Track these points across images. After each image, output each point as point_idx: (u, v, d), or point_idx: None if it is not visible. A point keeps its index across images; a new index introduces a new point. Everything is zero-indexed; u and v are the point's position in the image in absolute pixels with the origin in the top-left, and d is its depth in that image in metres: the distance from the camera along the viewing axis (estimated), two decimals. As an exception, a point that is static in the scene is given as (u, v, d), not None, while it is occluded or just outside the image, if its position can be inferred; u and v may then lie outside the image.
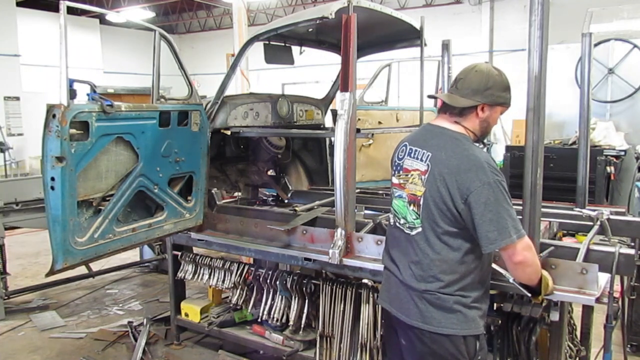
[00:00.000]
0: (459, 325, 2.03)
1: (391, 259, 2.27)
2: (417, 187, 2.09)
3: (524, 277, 2.10)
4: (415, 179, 2.11)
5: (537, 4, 2.20)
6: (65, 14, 2.50)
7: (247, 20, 7.81)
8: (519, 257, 1.98)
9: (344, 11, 2.94)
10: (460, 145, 2.05)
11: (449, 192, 1.98)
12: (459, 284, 2.04)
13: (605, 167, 5.31)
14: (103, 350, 4.17)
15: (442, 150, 2.06)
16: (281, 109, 4.22)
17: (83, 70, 11.71)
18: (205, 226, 3.62)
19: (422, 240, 2.08)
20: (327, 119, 4.84)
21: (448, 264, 2.03)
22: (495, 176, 1.96)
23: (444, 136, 2.10)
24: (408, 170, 2.15)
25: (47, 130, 2.53)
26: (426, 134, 2.19)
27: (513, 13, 12.51)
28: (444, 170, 2.01)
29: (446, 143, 2.07)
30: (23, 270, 6.34)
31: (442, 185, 2.00)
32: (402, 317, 2.14)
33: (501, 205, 1.94)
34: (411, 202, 2.12)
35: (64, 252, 2.65)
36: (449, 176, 1.99)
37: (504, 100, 2.13)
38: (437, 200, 2.02)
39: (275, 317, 3.50)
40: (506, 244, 1.94)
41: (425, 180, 2.06)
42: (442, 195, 2.00)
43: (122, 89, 13.06)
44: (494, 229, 1.93)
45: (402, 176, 2.19)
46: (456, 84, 2.13)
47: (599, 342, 2.75)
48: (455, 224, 2.02)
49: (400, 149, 2.25)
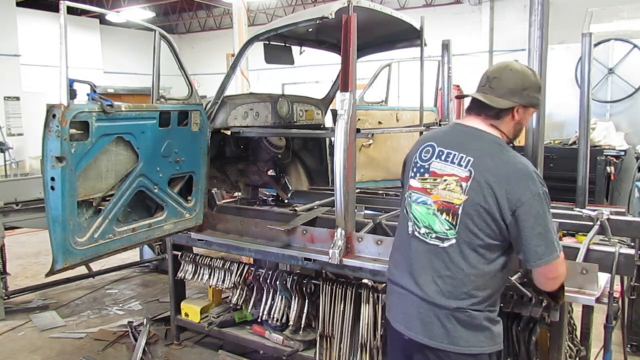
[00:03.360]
0: (486, 343, 1.92)
1: (405, 273, 2.04)
2: (455, 195, 1.91)
3: (552, 288, 2.02)
4: (451, 185, 1.92)
5: (537, 4, 2.20)
6: (65, 14, 2.50)
7: (247, 20, 7.81)
8: (557, 272, 1.91)
9: (344, 11, 2.94)
10: (505, 152, 1.92)
11: (497, 202, 1.84)
12: (490, 300, 1.93)
13: (605, 167, 5.32)
14: (103, 350, 4.17)
15: (487, 156, 1.90)
16: (281, 109, 4.22)
17: (83, 70, 11.69)
18: (205, 226, 3.61)
19: (456, 253, 1.90)
20: (327, 119, 4.84)
21: (483, 279, 1.90)
22: (543, 187, 1.86)
23: (486, 141, 1.96)
24: (439, 174, 1.97)
25: (47, 130, 2.53)
26: (462, 136, 2.01)
27: (513, 13, 12.53)
28: (491, 179, 1.86)
29: (491, 149, 1.93)
30: (23, 270, 6.34)
31: (490, 194, 1.85)
32: (424, 339, 1.94)
33: (548, 219, 1.85)
34: (443, 210, 1.93)
35: (64, 252, 2.65)
36: (497, 185, 1.84)
37: (538, 102, 2.04)
38: (480, 210, 1.86)
39: (275, 317, 3.50)
40: (553, 259, 1.84)
41: (468, 187, 1.88)
42: (489, 206, 1.85)
43: (122, 89, 13.05)
44: (542, 244, 1.82)
45: (428, 180, 2.00)
46: (489, 83, 1.99)
47: (599, 342, 2.75)
48: (497, 236, 1.88)
49: (423, 149, 2.07)
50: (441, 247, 1.93)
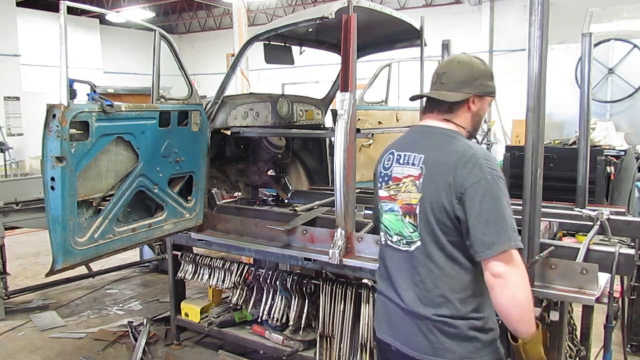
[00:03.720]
0: (477, 353, 1.78)
1: (388, 283, 1.98)
2: (412, 195, 1.85)
3: (501, 301, 1.70)
4: (408, 186, 1.87)
5: (537, 4, 2.19)
6: (65, 14, 2.50)
7: (247, 20, 7.82)
8: (510, 270, 1.67)
9: (344, 11, 2.95)
10: (454, 141, 1.85)
11: (445, 192, 1.76)
12: (472, 304, 1.79)
13: (605, 167, 5.31)
14: (103, 350, 4.17)
15: (435, 149, 1.85)
16: (281, 109, 4.23)
17: (83, 70, 11.70)
18: (205, 226, 3.62)
19: (423, 255, 1.82)
20: (327, 119, 4.84)
21: (456, 280, 1.78)
22: (493, 172, 1.74)
23: (435, 134, 1.91)
24: (398, 178, 1.93)
25: (47, 130, 2.53)
26: (415, 136, 2.00)
27: (513, 13, 12.52)
28: (439, 170, 1.79)
29: (439, 141, 1.87)
30: (23, 270, 6.34)
31: (438, 186, 1.78)
32: (410, 351, 1.85)
33: (500, 205, 1.71)
34: (406, 213, 1.88)
35: (64, 252, 2.65)
36: (444, 175, 1.77)
37: (492, 90, 1.98)
38: (434, 205, 1.79)
39: (275, 317, 3.50)
40: (505, 249, 1.67)
41: (421, 185, 1.83)
42: (439, 199, 1.77)
43: (122, 89, 13.06)
44: (491, 232, 1.68)
45: (392, 187, 1.95)
46: (440, 78, 1.95)
47: (599, 342, 2.74)
48: (455, 231, 1.77)
49: (385, 158, 2.03)
50: (410, 252, 1.87)
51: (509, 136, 12.19)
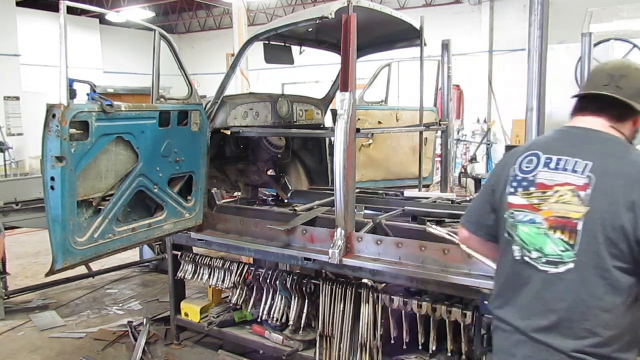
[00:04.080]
0: None
1: (512, 306, 1.69)
2: (572, 208, 1.56)
3: None
4: (565, 196, 1.58)
5: (537, 4, 2.20)
6: (65, 14, 2.51)
7: (247, 20, 7.81)
8: None
9: (344, 11, 2.95)
10: (633, 152, 1.59)
11: (626, 210, 1.49)
12: (619, 342, 1.54)
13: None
14: (103, 350, 4.17)
15: (608, 157, 1.57)
16: (281, 109, 4.23)
17: (83, 70, 11.69)
18: (205, 226, 3.62)
19: (576, 281, 1.54)
20: (327, 119, 4.85)
21: (612, 314, 1.52)
22: None
23: (606, 141, 1.63)
24: (547, 185, 1.63)
25: (47, 130, 2.53)
26: (574, 139, 1.68)
27: (513, 13, 12.52)
28: (616, 183, 1.51)
29: (613, 149, 1.60)
30: (23, 270, 6.34)
31: (617, 203, 1.50)
32: None
33: None
34: (557, 228, 1.58)
35: (64, 252, 2.65)
36: (626, 190, 1.50)
37: None
38: (607, 223, 1.50)
39: (275, 317, 3.50)
40: None
41: (589, 197, 1.53)
42: (618, 217, 1.49)
43: (122, 89, 13.06)
44: None
45: (534, 194, 1.64)
46: (615, 81, 1.64)
47: None
48: (629, 257, 1.50)
49: (524, 160, 1.71)
50: (554, 274, 1.58)
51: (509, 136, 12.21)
